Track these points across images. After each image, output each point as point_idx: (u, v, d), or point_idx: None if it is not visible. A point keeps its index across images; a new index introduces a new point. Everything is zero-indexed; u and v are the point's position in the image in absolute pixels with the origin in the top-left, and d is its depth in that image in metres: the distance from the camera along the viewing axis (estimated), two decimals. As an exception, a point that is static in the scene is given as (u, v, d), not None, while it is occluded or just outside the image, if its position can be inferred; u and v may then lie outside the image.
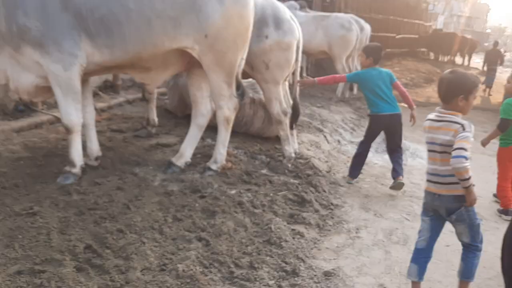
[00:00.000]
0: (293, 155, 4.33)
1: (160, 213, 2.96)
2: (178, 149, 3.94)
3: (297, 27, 4.18)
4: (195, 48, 3.25)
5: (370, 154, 5.64)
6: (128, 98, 5.95)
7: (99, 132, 4.46)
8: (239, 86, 3.65)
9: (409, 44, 22.31)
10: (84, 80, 3.34)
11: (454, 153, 2.27)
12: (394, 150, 4.62)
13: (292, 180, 4.01)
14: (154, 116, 4.56)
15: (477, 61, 33.03)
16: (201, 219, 3.00)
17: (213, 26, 3.20)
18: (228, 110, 3.54)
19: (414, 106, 4.68)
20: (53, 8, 2.88)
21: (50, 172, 3.39)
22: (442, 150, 2.42)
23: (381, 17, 18.98)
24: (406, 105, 4.84)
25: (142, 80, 3.47)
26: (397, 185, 4.34)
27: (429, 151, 2.53)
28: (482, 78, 13.03)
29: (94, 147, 3.52)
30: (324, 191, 4.01)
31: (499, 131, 4.04)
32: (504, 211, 4.12)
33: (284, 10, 4.15)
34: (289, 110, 4.25)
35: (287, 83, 4.52)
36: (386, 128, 4.63)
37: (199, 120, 3.70)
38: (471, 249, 2.53)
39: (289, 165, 4.28)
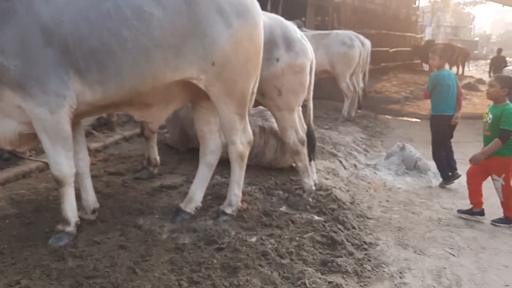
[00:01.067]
0: (313, 188, 3.88)
1: (172, 276, 2.47)
2: (185, 191, 3.50)
3: (309, 47, 3.79)
4: (201, 78, 2.83)
5: (390, 178, 5.22)
6: (125, 135, 5.50)
7: (95, 177, 4.00)
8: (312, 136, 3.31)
9: (403, 57, 22.19)
10: (76, 123, 2.90)
11: None
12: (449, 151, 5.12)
13: (316, 218, 3.54)
14: (155, 155, 4.11)
15: (469, 69, 33.07)
16: (222, 278, 2.51)
17: (220, 52, 2.79)
18: (242, 146, 3.10)
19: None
20: (34, 43, 2.46)
21: (40, 232, 2.90)
22: None
23: (374, 32, 18.83)
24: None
25: (142, 118, 3.03)
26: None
27: None
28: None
29: (91, 199, 3.05)
30: (354, 227, 3.54)
31: (501, 142, 3.78)
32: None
33: (295, 30, 3.76)
34: (305, 138, 3.81)
35: (300, 108, 4.10)
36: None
37: (209, 159, 3.24)
38: None
39: (310, 200, 3.82)
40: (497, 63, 16.23)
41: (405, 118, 11.53)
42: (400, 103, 13.59)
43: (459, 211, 4.18)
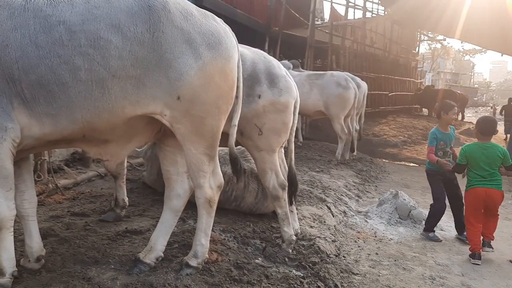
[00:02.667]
0: (294, 237, 3.52)
1: None
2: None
3: (294, 85, 3.54)
4: (166, 113, 2.55)
5: (382, 227, 4.86)
6: (100, 172, 5.18)
7: (56, 218, 3.68)
8: (236, 161, 2.94)
9: (402, 101, 22.19)
10: (23, 159, 2.60)
11: None
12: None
13: (294, 272, 3.17)
14: (123, 195, 3.78)
15: (469, 115, 33.16)
16: None
17: (187, 86, 2.52)
18: (210, 190, 2.78)
19: None
20: (-26, 69, 2.20)
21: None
22: None
23: (373, 76, 18.90)
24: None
25: (99, 156, 2.72)
26: None
27: None
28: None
29: (35, 245, 2.69)
30: (336, 285, 3.16)
31: None
32: None
33: (279, 66, 3.53)
34: (286, 183, 3.49)
35: (282, 149, 3.81)
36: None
37: (174, 203, 2.91)
38: None
39: (290, 251, 3.46)
40: (508, 111, 17.50)
41: (402, 163, 11.26)
42: (398, 147, 13.36)
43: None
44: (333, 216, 4.82)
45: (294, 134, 3.65)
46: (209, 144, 2.72)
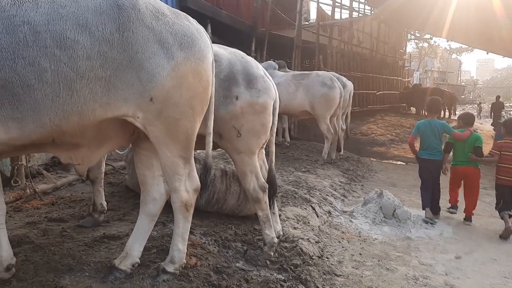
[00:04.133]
0: (275, 240, 3.46)
1: None
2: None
3: (273, 85, 3.49)
4: (138, 116, 2.49)
5: (367, 227, 4.83)
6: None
7: (32, 224, 3.59)
8: (208, 172, 2.88)
9: (389, 100, 22.29)
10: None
11: None
12: None
13: (276, 276, 3.12)
14: (101, 200, 3.69)
15: (456, 112, 33.47)
16: None
17: (160, 87, 2.46)
18: (186, 193, 2.72)
19: None
20: None
21: None
22: None
23: (361, 75, 18.97)
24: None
25: (69, 161, 2.64)
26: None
27: None
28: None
29: (5, 253, 2.60)
30: (318, 287, 3.11)
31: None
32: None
33: (257, 66, 3.47)
34: (267, 185, 3.44)
35: (263, 151, 3.75)
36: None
37: (150, 208, 2.85)
38: None
39: (272, 254, 3.41)
40: (496, 107, 19.90)
41: (390, 161, 11.29)
42: (385, 146, 13.40)
43: None
44: (318, 217, 4.78)
45: (274, 135, 3.59)
46: (184, 147, 2.65)
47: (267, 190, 3.43)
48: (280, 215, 4.28)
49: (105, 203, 3.74)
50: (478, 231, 5.10)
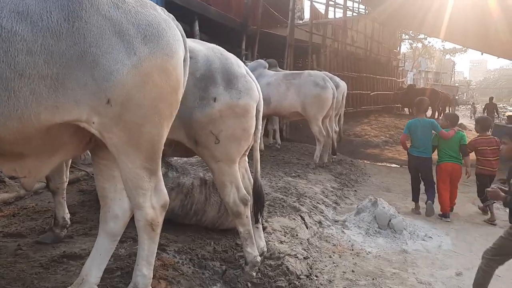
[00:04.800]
0: (258, 259, 3.10)
1: None
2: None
3: (256, 85, 3.12)
4: (94, 121, 2.11)
5: (360, 238, 4.48)
6: (49, 183, 4.66)
7: (-16, 240, 3.18)
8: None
9: (384, 100, 22.03)
10: None
11: None
12: None
13: (257, 301, 2.76)
14: (63, 213, 3.30)
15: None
16: None
17: (119, 87, 2.08)
18: (152, 210, 2.34)
19: None
20: None
21: None
22: None
23: (355, 75, 18.67)
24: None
25: (12, 173, 2.26)
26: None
27: None
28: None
29: None
30: (305, 315, 2.76)
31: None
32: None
33: (238, 64, 3.09)
34: (249, 197, 3.07)
35: (246, 159, 3.39)
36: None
37: (111, 226, 2.47)
38: None
39: (254, 274, 3.04)
40: (490, 108, 20.47)
41: (384, 164, 10.96)
42: (379, 147, 13.10)
43: None
44: (307, 228, 4.42)
45: (259, 141, 3.22)
46: (149, 157, 2.28)
47: (248, 203, 3.06)
48: (265, 228, 3.93)
49: (68, 215, 3.34)
50: (478, 242, 4.77)
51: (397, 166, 10.71)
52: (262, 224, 3.97)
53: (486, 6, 12.32)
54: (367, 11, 21.34)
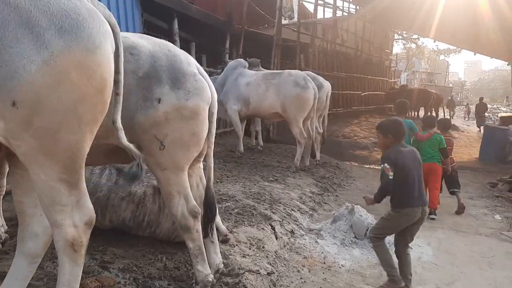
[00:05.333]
0: (210, 278, 2.79)
1: None
2: None
3: (208, 85, 2.82)
4: (-4, 126, 1.80)
5: (334, 249, 4.19)
6: (-2, 190, 4.34)
7: None
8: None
9: (375, 101, 21.78)
10: None
11: None
12: None
13: (204, 327, 2.45)
14: (-3, 228, 2.98)
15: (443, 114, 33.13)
16: None
17: (26, 87, 1.77)
18: (73, 229, 2.02)
19: None
20: None
21: None
22: None
23: (345, 75, 18.42)
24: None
25: None
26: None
27: None
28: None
29: None
30: None
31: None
32: None
33: (189, 61, 2.78)
34: (200, 209, 2.77)
35: (201, 166, 3.09)
36: None
37: (29, 246, 2.16)
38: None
39: (205, 296, 2.74)
40: (480, 108, 20.80)
41: (372, 166, 10.69)
42: (368, 149, 12.86)
43: None
44: (277, 238, 4.12)
45: (212, 146, 2.91)
46: (67, 167, 1.96)
47: (199, 216, 2.76)
48: (228, 240, 3.63)
49: (4, 229, 3.02)
50: (462, 253, 4.51)
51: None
52: (226, 235, 3.71)
53: (477, 6, 12.17)
54: (357, 10, 21.09)
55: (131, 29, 7.10)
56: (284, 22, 17.50)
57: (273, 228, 4.28)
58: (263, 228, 4.15)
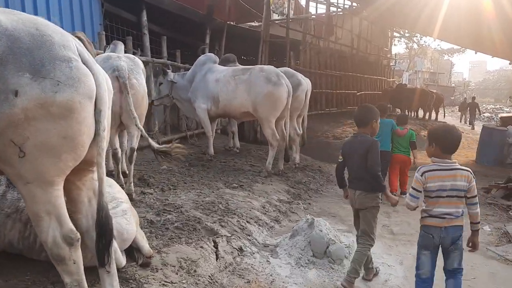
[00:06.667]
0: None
1: None
2: None
3: (92, 75, 2.19)
4: None
5: (286, 271, 3.58)
6: None
7: None
8: None
9: (372, 100, 21.10)
10: None
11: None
12: None
13: None
14: None
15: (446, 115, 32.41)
16: None
17: None
18: None
19: None
20: None
21: None
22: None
23: (339, 74, 17.77)
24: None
25: None
26: None
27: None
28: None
29: None
30: None
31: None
32: None
33: (64, 43, 2.13)
34: (77, 235, 2.17)
35: (94, 176, 2.48)
36: None
37: None
38: (458, 272, 2.87)
39: None
40: (472, 107, 22.83)
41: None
42: (358, 151, 12.15)
43: None
44: (217, 259, 3.51)
45: (104, 153, 2.29)
46: None
47: (76, 243, 2.16)
48: (149, 264, 3.02)
49: None
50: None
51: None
52: (150, 257, 3.11)
53: (480, 6, 11.69)
54: (353, 6, 20.42)
55: (88, 19, 6.51)
56: (277, 18, 16.91)
57: (216, 245, 3.66)
58: (201, 246, 3.53)
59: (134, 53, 7.92)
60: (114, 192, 3.07)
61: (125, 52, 7.40)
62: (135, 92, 4.36)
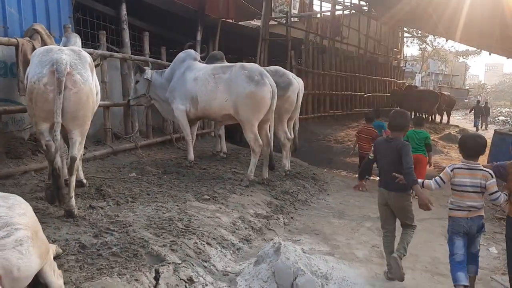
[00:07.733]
0: None
1: None
2: None
3: None
4: None
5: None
6: None
7: None
8: None
9: (380, 102, 20.32)
10: None
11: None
12: None
13: None
14: None
15: (458, 117, 31.33)
16: None
17: None
18: None
19: None
20: None
21: None
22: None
23: (345, 74, 17.05)
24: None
25: None
26: None
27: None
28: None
29: None
30: None
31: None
32: None
33: None
34: None
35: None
36: None
37: None
38: (478, 256, 3.36)
39: None
40: (477, 110, 23.42)
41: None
42: (360, 157, 11.42)
43: None
44: (154, 295, 2.86)
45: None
46: None
47: None
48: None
49: None
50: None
51: (375, 178, 9.07)
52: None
53: (500, 6, 10.89)
54: (365, 7, 19.63)
55: (54, 11, 5.92)
56: (278, 16, 16.23)
57: (157, 276, 3.01)
58: (137, 279, 2.88)
59: (110, 50, 7.35)
60: (12, 215, 2.43)
61: (97, 47, 6.84)
62: (78, 90, 3.74)
